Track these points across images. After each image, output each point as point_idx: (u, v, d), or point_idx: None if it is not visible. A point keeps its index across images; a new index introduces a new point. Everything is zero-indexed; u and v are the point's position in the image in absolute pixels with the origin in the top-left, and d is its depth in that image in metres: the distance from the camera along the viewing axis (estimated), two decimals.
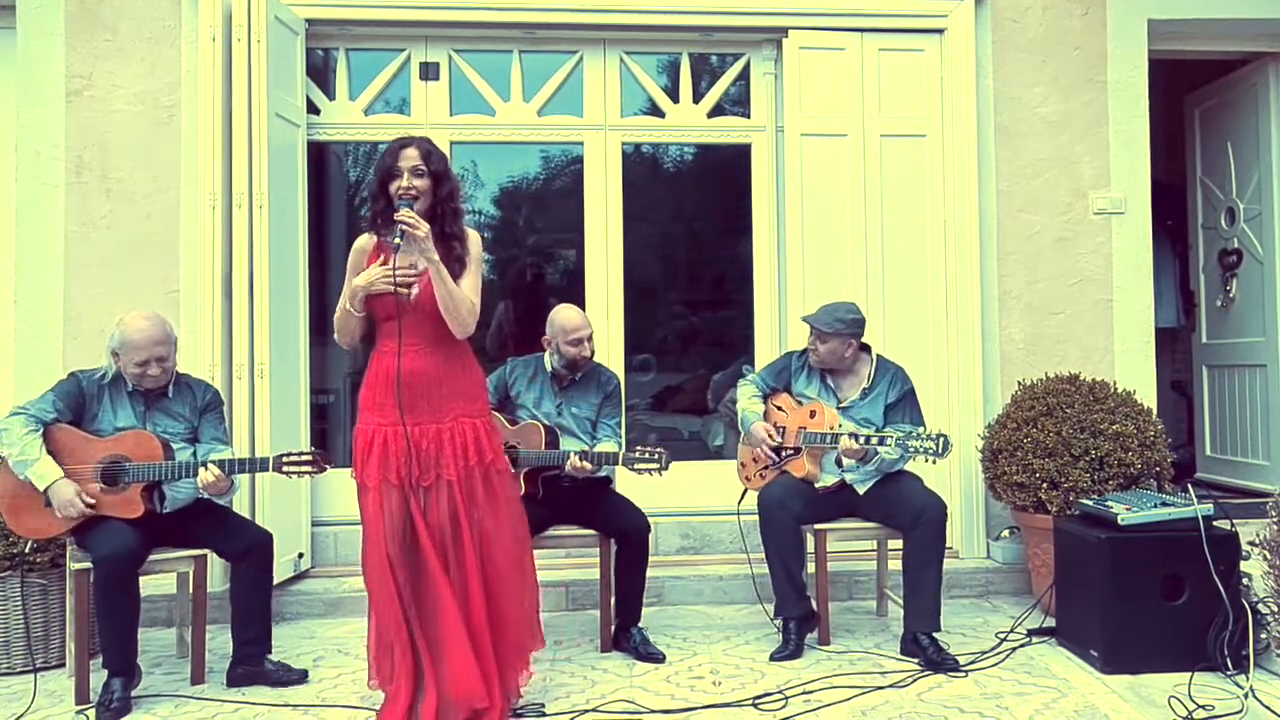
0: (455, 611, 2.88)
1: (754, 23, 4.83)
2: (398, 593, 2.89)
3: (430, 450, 2.93)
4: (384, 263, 2.95)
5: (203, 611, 3.51)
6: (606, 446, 3.72)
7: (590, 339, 3.81)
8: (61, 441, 3.30)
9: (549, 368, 3.86)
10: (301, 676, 3.45)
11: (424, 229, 2.84)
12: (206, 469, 3.25)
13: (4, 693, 3.42)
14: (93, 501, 3.25)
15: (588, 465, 3.57)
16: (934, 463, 3.57)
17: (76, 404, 3.36)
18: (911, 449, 3.53)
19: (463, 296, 2.94)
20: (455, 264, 2.96)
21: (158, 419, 3.43)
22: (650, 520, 3.78)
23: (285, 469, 3.27)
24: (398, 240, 2.83)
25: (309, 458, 3.29)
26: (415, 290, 2.93)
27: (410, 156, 2.94)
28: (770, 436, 3.83)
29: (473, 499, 2.96)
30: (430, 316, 2.93)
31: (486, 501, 2.98)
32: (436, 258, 2.87)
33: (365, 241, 3.04)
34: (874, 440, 3.60)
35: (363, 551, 3.00)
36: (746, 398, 3.98)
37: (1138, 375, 4.72)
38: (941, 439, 3.48)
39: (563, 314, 3.82)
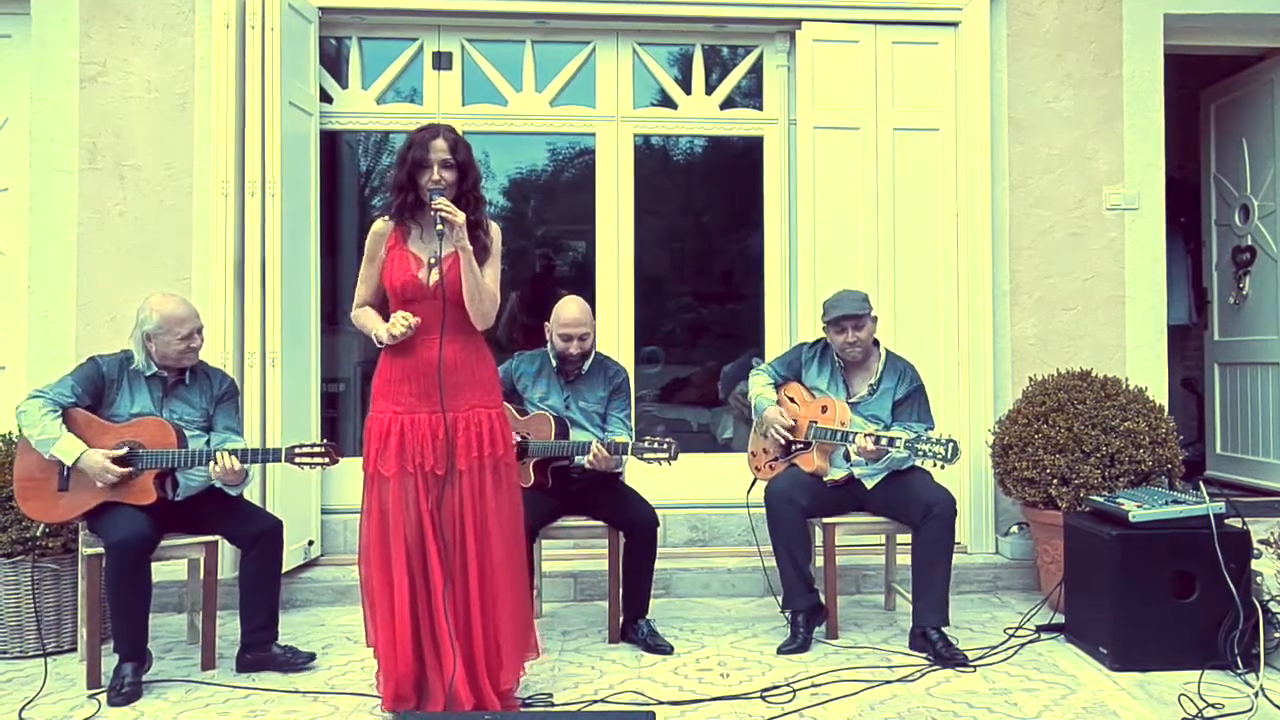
0: (449, 605, 2.88)
1: (767, 14, 4.82)
2: (410, 584, 2.90)
3: (446, 441, 2.93)
4: (400, 249, 2.97)
5: (213, 597, 3.52)
6: (619, 439, 3.71)
7: (584, 338, 3.77)
8: (78, 425, 3.31)
9: (553, 361, 3.85)
10: (309, 658, 3.47)
11: (461, 217, 2.87)
12: (225, 457, 3.26)
13: (16, 676, 3.45)
14: (123, 453, 3.25)
15: (606, 453, 3.56)
16: (942, 468, 3.57)
17: (95, 389, 3.38)
18: (920, 453, 3.52)
19: (489, 288, 2.96)
20: (481, 252, 2.97)
21: (174, 406, 3.45)
22: (659, 512, 3.77)
23: (298, 460, 3.28)
24: (440, 228, 2.86)
25: (321, 450, 3.30)
26: (437, 277, 2.93)
27: (439, 148, 2.94)
28: (783, 417, 3.83)
29: (480, 491, 2.96)
30: (452, 305, 2.94)
31: (493, 494, 2.98)
32: (470, 247, 2.89)
33: (383, 226, 3.03)
34: (883, 441, 3.59)
35: (369, 543, 2.97)
36: (760, 385, 3.98)
37: (1149, 372, 4.71)
38: (950, 444, 3.47)
39: (565, 306, 3.80)
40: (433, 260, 2.94)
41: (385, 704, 2.96)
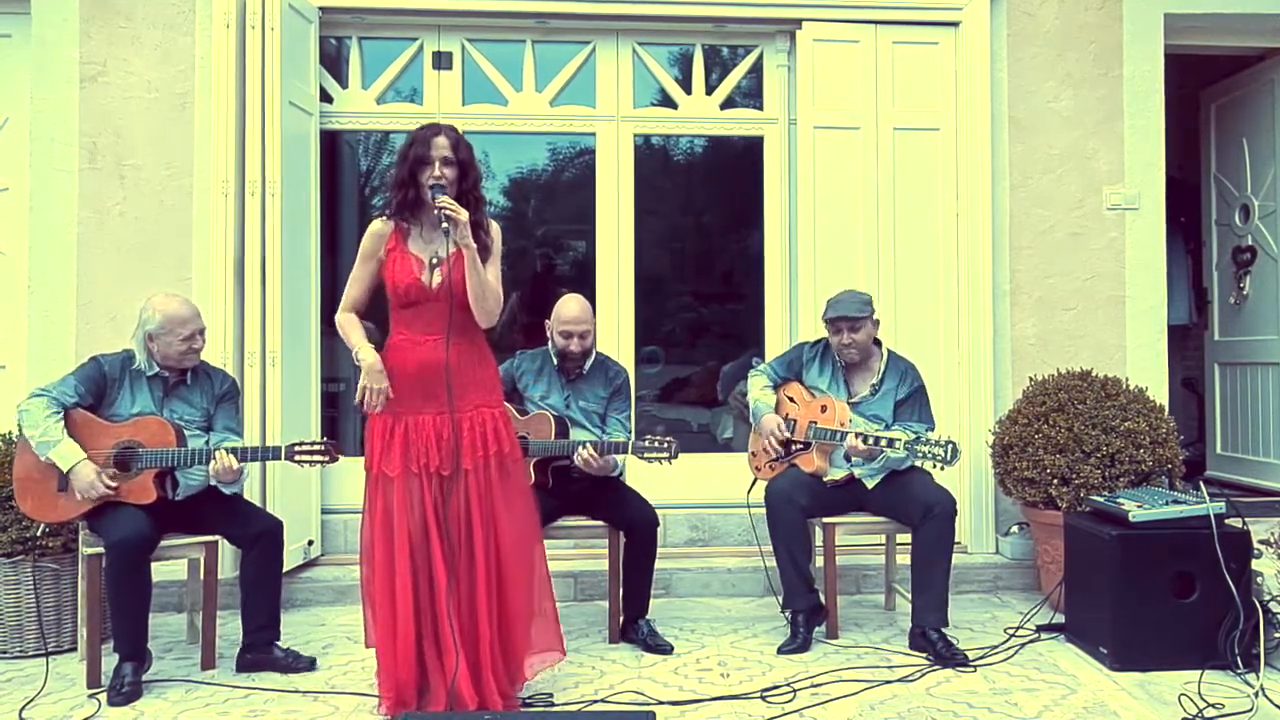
0: (453, 605, 2.88)
1: (767, 14, 4.82)
2: (414, 584, 2.90)
3: (451, 440, 2.94)
4: (400, 250, 2.96)
5: (213, 597, 3.52)
6: (617, 440, 3.71)
7: (584, 336, 3.76)
8: (77, 425, 3.31)
9: (554, 360, 3.85)
10: (310, 664, 3.46)
11: (465, 215, 2.87)
12: (223, 455, 3.26)
13: (17, 676, 3.45)
14: (115, 485, 3.26)
15: (595, 457, 3.56)
16: (941, 469, 3.57)
17: (97, 388, 3.38)
18: (920, 454, 3.52)
19: (493, 285, 2.96)
20: (482, 251, 2.97)
21: (175, 405, 3.45)
22: (659, 512, 3.78)
23: (297, 458, 3.29)
24: (445, 225, 2.85)
25: (321, 448, 3.31)
26: (439, 280, 2.94)
27: (441, 145, 2.95)
28: (779, 430, 3.83)
29: (488, 489, 2.96)
30: (456, 306, 2.94)
31: (500, 492, 2.99)
32: (474, 245, 2.90)
33: (382, 226, 3.03)
34: (883, 442, 3.59)
35: (372, 543, 2.97)
36: (758, 388, 3.98)
37: (1150, 372, 4.71)
38: (950, 446, 3.47)
39: (565, 304, 3.80)
40: (434, 260, 2.94)
41: (384, 705, 2.96)
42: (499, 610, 2.97)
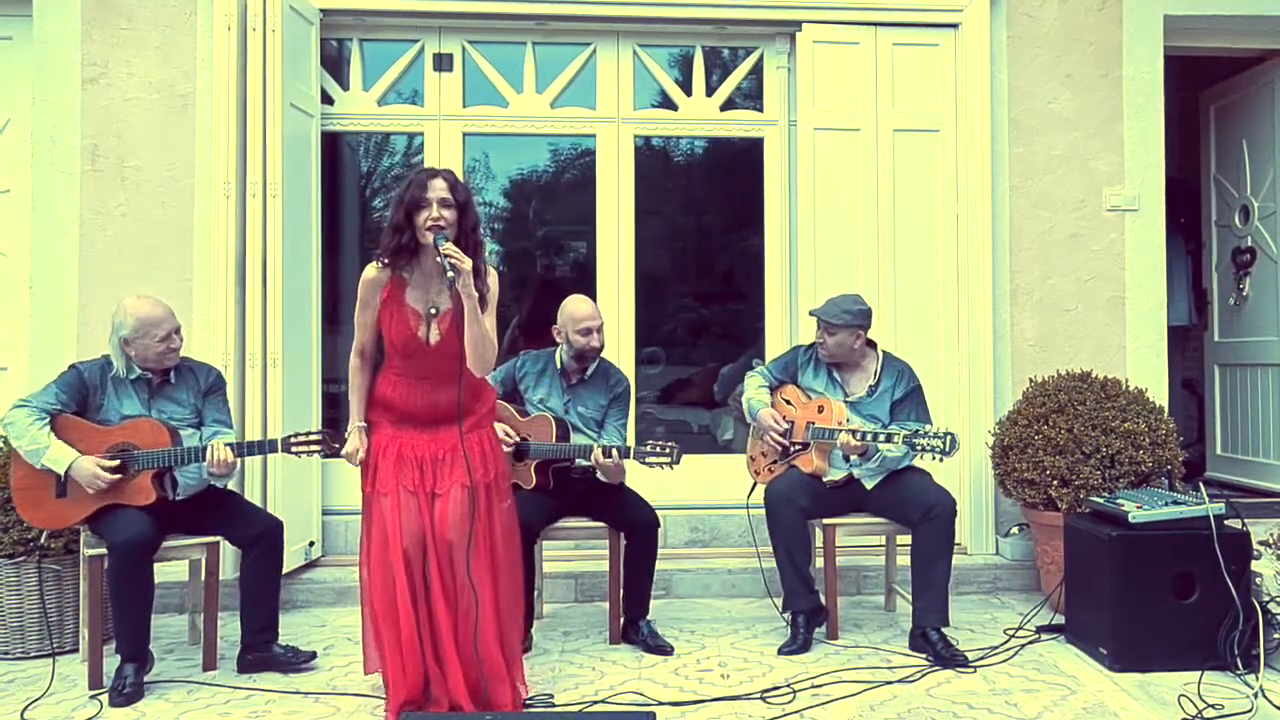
0: (449, 620, 2.91)
1: (767, 16, 4.83)
2: (410, 593, 2.91)
3: (447, 460, 2.97)
4: (397, 302, 2.95)
5: (214, 598, 3.53)
6: (617, 445, 3.71)
7: (600, 330, 3.79)
8: (69, 432, 3.31)
9: (559, 363, 3.85)
10: (310, 656, 3.48)
11: (469, 264, 2.80)
12: (220, 449, 3.27)
13: (20, 677, 3.45)
14: (115, 464, 3.26)
15: (616, 459, 3.56)
16: (940, 461, 3.57)
17: (79, 395, 3.37)
18: (919, 447, 3.53)
19: (491, 337, 2.92)
20: (480, 302, 2.91)
21: (163, 406, 3.44)
22: (659, 513, 3.78)
23: (294, 449, 3.30)
24: (450, 274, 2.78)
25: (317, 438, 3.32)
26: (437, 336, 2.95)
27: (439, 187, 2.88)
28: (777, 423, 3.84)
29: (489, 506, 3.00)
30: (450, 358, 2.94)
31: (498, 506, 3.03)
32: (475, 295, 2.84)
33: (378, 273, 2.97)
34: (880, 437, 3.60)
35: (367, 554, 3.00)
36: (754, 387, 3.99)
37: (1150, 373, 4.71)
38: (949, 437, 3.48)
39: (573, 304, 3.81)
40: (432, 311, 2.95)
41: (389, 710, 2.96)
42: (500, 617, 3.00)
